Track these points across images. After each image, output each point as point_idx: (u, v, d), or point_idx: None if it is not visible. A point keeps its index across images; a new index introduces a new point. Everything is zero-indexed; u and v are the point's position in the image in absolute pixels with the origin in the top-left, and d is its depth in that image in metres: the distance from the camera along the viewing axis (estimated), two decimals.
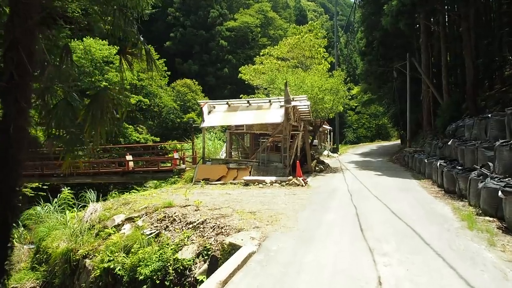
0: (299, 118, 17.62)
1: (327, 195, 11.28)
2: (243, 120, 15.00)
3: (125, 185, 21.31)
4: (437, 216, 7.98)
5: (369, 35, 33.98)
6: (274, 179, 13.51)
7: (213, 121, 15.45)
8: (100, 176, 17.40)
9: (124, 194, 12.78)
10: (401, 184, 13.70)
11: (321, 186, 13.47)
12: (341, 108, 22.44)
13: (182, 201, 10.15)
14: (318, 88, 18.18)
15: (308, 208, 9.05)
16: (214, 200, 10.47)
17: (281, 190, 12.44)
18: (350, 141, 57.52)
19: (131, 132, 33.48)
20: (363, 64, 36.15)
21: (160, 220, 8.83)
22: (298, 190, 12.29)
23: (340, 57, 64.16)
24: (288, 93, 14.20)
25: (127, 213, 10.35)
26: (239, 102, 16.12)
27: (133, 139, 33.31)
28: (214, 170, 14.81)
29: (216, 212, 8.61)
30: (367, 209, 8.81)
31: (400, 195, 11.11)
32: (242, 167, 14.60)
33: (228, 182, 14.20)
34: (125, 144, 30.18)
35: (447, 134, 16.61)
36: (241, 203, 9.84)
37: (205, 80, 50.89)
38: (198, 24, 52.58)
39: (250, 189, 12.88)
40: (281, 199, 10.45)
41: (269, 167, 14.36)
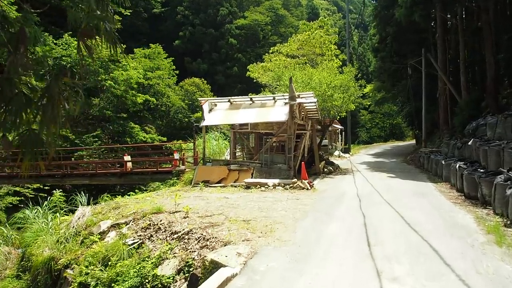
0: (306, 116, 16.61)
1: (334, 200, 10.27)
2: (245, 119, 14.07)
3: (131, 186, 20.57)
4: (458, 228, 6.91)
5: (382, 31, 32.70)
6: (277, 181, 12.55)
7: (214, 120, 14.57)
8: (97, 177, 16.69)
9: (117, 197, 11.99)
10: (416, 187, 12.58)
11: (328, 189, 12.44)
12: (353, 106, 21.31)
13: (173, 207, 9.29)
14: (327, 84, 17.13)
15: (310, 216, 8.07)
16: (209, 205, 9.57)
17: (284, 194, 11.47)
18: (363, 141, 56.04)
19: (138, 132, 32.86)
20: (376, 61, 34.83)
21: (145, 229, 7.97)
22: (302, 194, 11.30)
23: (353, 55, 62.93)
24: (293, 89, 13.21)
25: (114, 219, 9.53)
26: (241, 100, 15.19)
27: (139, 139, 32.70)
28: (214, 171, 13.92)
29: (206, 221, 7.70)
30: (377, 218, 7.78)
31: (415, 200, 10.03)
32: (244, 168, 13.67)
33: (228, 185, 13.30)
34: (131, 144, 29.59)
35: (466, 133, 15.38)
36: (237, 209, 8.92)
37: (214, 79, 50.12)
38: (208, 22, 51.82)
39: (251, 192, 11.94)
40: (282, 205, 9.48)
41: (273, 169, 13.40)
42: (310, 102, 13.76)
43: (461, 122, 18.89)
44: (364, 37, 66.09)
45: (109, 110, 32.28)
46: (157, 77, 38.09)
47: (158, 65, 40.10)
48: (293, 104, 13.16)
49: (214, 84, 48.23)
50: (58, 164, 16.91)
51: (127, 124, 32.20)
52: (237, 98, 15.32)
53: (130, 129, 32.34)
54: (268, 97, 14.74)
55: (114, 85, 29.44)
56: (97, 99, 31.51)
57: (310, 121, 16.78)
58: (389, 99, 39.88)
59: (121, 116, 33.32)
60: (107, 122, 32.53)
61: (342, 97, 18.45)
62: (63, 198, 12.97)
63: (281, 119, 13.40)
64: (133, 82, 32.06)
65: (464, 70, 20.88)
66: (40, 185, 19.80)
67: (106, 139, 33.48)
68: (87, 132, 29.13)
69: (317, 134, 23.43)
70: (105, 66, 30.43)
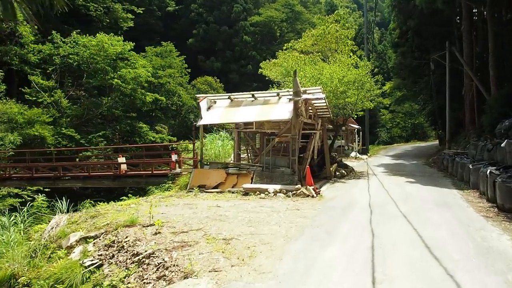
0: (316, 114, 15.10)
1: (340, 211, 8.77)
2: (245, 117, 12.68)
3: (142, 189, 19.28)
4: (494, 255, 5.34)
5: (402, 24, 30.78)
6: (279, 188, 11.12)
7: (212, 118, 13.24)
8: (91, 180, 15.65)
9: (99, 204, 10.80)
10: (439, 196, 10.92)
11: (336, 197, 10.94)
12: (369, 104, 19.65)
13: (158, 217, 8.05)
14: (339, 80, 15.58)
15: (306, 234, 6.63)
16: (194, 216, 8.27)
17: (284, 202, 10.03)
18: (384, 141, 53.80)
19: (146, 131, 31.93)
20: (396, 57, 32.80)
21: (108, 246, 6.71)
22: (305, 204, 9.84)
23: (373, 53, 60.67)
24: (297, 84, 11.75)
25: (86, 231, 8.33)
26: (243, 96, 13.81)
27: (148, 139, 31.78)
28: (211, 175, 12.60)
29: (179, 239, 6.37)
30: (388, 238, 6.27)
31: (438, 213, 8.43)
32: (243, 172, 12.29)
33: (226, 190, 11.96)
34: (138, 144, 28.69)
35: (498, 133, 13.54)
36: (223, 223, 7.56)
37: (228, 77, 48.93)
38: (221, 20, 50.64)
39: (248, 200, 10.57)
40: (278, 217, 8.06)
41: (275, 173, 11.97)
42: (317, 98, 12.25)
43: (490, 121, 16.98)
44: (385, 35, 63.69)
45: (118, 110, 31.53)
46: (168, 75, 37.18)
47: (170, 64, 39.23)
48: (298, 101, 11.70)
49: (228, 83, 47.06)
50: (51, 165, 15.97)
51: (135, 124, 31.30)
52: (238, 95, 13.96)
53: (139, 129, 31.45)
54: (272, 93, 13.30)
55: (122, 84, 28.54)
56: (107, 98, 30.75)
57: (320, 120, 15.25)
58: (410, 97, 37.70)
59: (130, 116, 32.52)
60: (116, 121, 31.78)
61: (356, 93, 16.87)
62: (45, 203, 11.91)
63: (285, 117, 11.96)
64: (143, 81, 31.14)
65: (494, 63, 18.89)
66: (40, 187, 19.00)
67: (117, 138, 32.79)
68: (96, 132, 28.37)
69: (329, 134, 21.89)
70: (113, 65, 29.60)
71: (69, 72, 29.03)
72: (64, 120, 26.96)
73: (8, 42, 27.23)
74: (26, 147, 22.88)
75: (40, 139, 24.10)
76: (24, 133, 23.85)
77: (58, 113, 26.90)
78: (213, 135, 20.10)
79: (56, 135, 25.47)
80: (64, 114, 27.28)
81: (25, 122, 24.37)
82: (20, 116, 24.27)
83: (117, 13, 38.40)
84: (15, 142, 22.35)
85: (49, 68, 28.08)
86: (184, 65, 41.09)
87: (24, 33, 27.10)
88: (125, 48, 30.12)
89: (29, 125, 24.28)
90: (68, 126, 26.72)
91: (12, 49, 26.80)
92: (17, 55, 26.95)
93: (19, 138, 22.98)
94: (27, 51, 27.24)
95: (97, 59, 28.49)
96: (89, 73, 28.92)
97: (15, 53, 26.83)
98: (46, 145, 24.29)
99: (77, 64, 28.19)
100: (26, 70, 27.28)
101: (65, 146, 25.08)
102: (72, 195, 19.70)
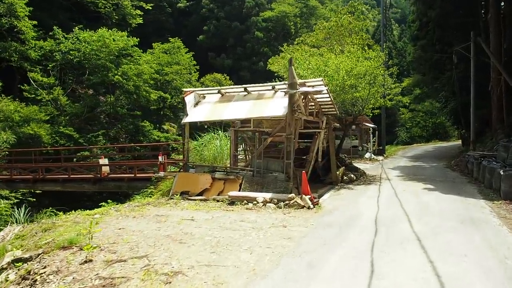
0: (320, 111, 13.32)
1: (337, 230, 7.01)
2: (233, 114, 11.00)
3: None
4: None
5: (422, 16, 28.55)
6: (270, 196, 9.42)
7: (198, 116, 11.61)
8: (70, 183, 14.32)
9: (60, 214, 9.32)
10: (463, 208, 9.00)
11: (337, 208, 9.16)
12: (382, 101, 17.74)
13: (112, 234, 6.57)
14: (346, 72, 13.75)
15: (280, 268, 4.93)
16: (152, 235, 6.70)
17: (272, 215, 8.32)
18: (403, 141, 51.21)
19: (150, 130, 30.65)
20: (415, 50, 30.46)
21: (22, 279, 5.17)
22: (297, 217, 8.12)
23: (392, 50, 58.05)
24: (293, 74, 10.02)
25: (25, 250, 6.84)
26: (235, 90, 12.15)
27: (152, 138, 30.50)
28: (196, 180, 11.00)
29: (108, 272, 4.77)
30: (392, 279, 4.51)
31: (462, 235, 6.59)
32: (231, 178, 10.62)
33: (210, 198, 10.34)
34: (147, 143, 27.55)
35: None
36: (181, 246, 5.94)
37: (239, 75, 47.30)
38: (233, 15, 49.06)
39: (231, 211, 8.91)
40: (254, 239, 6.38)
41: (266, 179, 10.25)
42: (317, 91, 10.45)
43: None
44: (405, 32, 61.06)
45: (124, 108, 30.40)
46: (175, 72, 35.79)
47: (178, 60, 37.89)
48: (294, 94, 9.96)
49: (239, 80, 45.40)
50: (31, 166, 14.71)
51: (137, 122, 30.04)
52: (230, 88, 12.33)
53: (142, 128, 30.19)
54: (267, 86, 11.57)
55: (123, 81, 27.26)
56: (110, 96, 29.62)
57: (324, 118, 13.48)
58: (430, 94, 35.13)
59: (135, 114, 31.30)
60: (119, 120, 30.62)
61: (367, 88, 14.98)
62: (7, 209, 10.54)
63: (278, 114, 10.23)
64: (147, 78, 29.86)
65: None
66: (32, 189, 17.84)
67: (123, 138, 31.71)
68: (100, 131, 27.29)
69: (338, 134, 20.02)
70: (116, 61, 28.37)
71: (70, 69, 28.03)
72: (62, 118, 25.90)
73: (9, 39, 26.40)
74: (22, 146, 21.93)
75: (36, 138, 23.08)
76: (20, 131, 22.89)
77: (57, 111, 25.87)
78: (210, 134, 18.50)
79: (54, 134, 24.43)
80: (63, 112, 26.24)
81: (22, 120, 23.42)
82: (17, 114, 23.31)
83: (125, 9, 37.41)
84: (8, 140, 21.36)
85: (49, 64, 27.09)
86: (193, 62, 39.66)
87: (24, 28, 26.20)
88: (128, 44, 28.90)
89: (25, 123, 23.32)
90: (67, 124, 25.65)
91: (11, 45, 25.91)
92: (17, 52, 26.04)
93: (12, 136, 22.00)
94: (27, 48, 26.33)
95: (99, 55, 27.33)
96: (91, 69, 27.79)
97: (15, 49, 25.93)
98: (43, 144, 23.28)
99: (77, 61, 27.09)
100: (26, 66, 26.35)
101: (63, 145, 24.01)
102: (65, 196, 18.55)
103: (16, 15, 26.11)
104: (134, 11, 38.05)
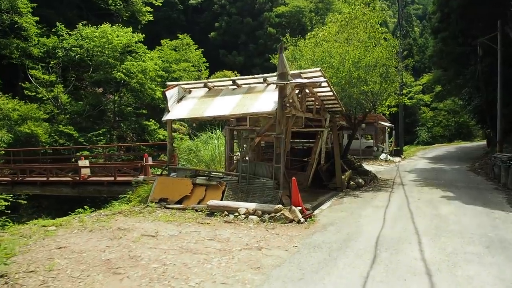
0: (323, 108, 11.74)
1: (325, 256, 5.48)
2: (217, 110, 9.53)
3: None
4: None
5: (444, 6, 26.42)
6: (254, 207, 7.95)
7: (180, 112, 10.20)
8: (49, 186, 13.20)
9: (9, 225, 8.09)
10: (490, 225, 7.30)
11: (333, 223, 7.59)
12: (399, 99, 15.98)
13: (43, 255, 5.27)
14: (353, 63, 12.13)
15: None
16: (91, 259, 5.40)
17: (250, 233, 6.85)
18: (424, 142, 48.73)
19: (155, 129, 29.52)
20: (435, 43, 28.29)
21: None
22: (280, 236, 6.62)
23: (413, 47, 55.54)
24: (284, 63, 8.50)
25: None
26: (224, 84, 10.69)
27: (157, 137, 29.41)
28: (176, 186, 9.61)
29: None
30: None
31: (488, 267, 4.95)
32: (213, 184, 9.18)
33: (190, 207, 8.94)
34: (152, 143, 26.51)
35: None
36: (112, 279, 4.57)
37: (252, 72, 45.53)
38: (245, 11, 47.62)
39: (206, 224, 7.49)
40: (212, 268, 4.94)
41: (253, 185, 8.76)
42: (314, 82, 8.87)
43: None
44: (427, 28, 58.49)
45: (130, 106, 29.43)
46: (182, 69, 34.62)
47: (187, 57, 36.73)
48: (284, 86, 8.44)
49: None
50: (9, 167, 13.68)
51: (141, 121, 28.99)
52: (218, 81, 10.87)
53: (146, 127, 29.10)
54: (259, 79, 10.05)
55: (125, 78, 26.19)
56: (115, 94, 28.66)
57: (328, 115, 11.90)
58: (452, 91, 32.71)
59: (140, 113, 30.25)
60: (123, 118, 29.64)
61: (379, 82, 13.30)
62: None
63: (266, 109, 8.72)
64: (153, 74, 28.75)
65: None
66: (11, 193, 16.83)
67: (130, 137, 30.80)
68: (103, 130, 26.36)
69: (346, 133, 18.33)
70: (120, 58, 27.34)
71: (73, 66, 27.18)
72: (63, 116, 25.05)
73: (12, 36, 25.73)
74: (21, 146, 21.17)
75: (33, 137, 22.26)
76: (17, 130, 22.13)
77: (57, 110, 25.05)
78: (208, 133, 17.21)
79: (53, 133, 23.58)
80: (63, 111, 25.39)
81: (21, 119, 22.68)
82: (15, 112, 22.58)
83: (135, 6, 36.51)
84: (2, 139, 20.60)
85: (51, 62, 26.30)
86: (202, 59, 38.46)
87: (26, 25, 25.48)
88: (132, 40, 27.82)
89: (23, 122, 22.57)
90: (68, 123, 24.79)
91: (13, 42, 25.24)
92: (19, 48, 25.34)
93: (9, 136, 21.24)
94: (30, 45, 25.62)
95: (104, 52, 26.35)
96: (94, 66, 26.85)
97: (16, 46, 25.24)
98: (41, 143, 22.47)
99: (79, 57, 26.18)
100: (28, 64, 25.62)
101: (62, 145, 23.14)
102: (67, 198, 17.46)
103: (19, 11, 25.46)
104: (144, 8, 37.12)
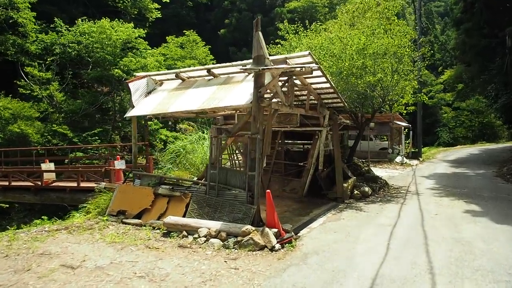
0: (321, 102, 9.90)
1: None
2: (185, 105, 7.80)
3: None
4: None
5: None
6: (218, 228, 6.20)
7: (146, 108, 8.55)
8: (11, 192, 11.77)
9: None
10: None
11: (318, 252, 5.75)
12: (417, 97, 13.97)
13: None
14: (358, 50, 10.23)
15: None
16: None
17: (200, 266, 5.10)
18: (445, 143, 45.99)
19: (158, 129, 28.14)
20: (458, 36, 25.89)
21: None
22: (238, 272, 4.85)
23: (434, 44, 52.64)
24: (260, 44, 6.74)
25: None
26: (200, 74, 8.98)
27: (159, 138, 28.02)
28: (136, 196, 7.96)
29: None
30: None
31: None
32: (176, 195, 7.48)
33: (148, 223, 7.27)
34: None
35: None
36: None
37: None
38: (255, 7, 45.91)
39: (155, 249, 5.78)
40: None
41: (223, 198, 7.01)
42: (304, 72, 7.03)
43: None
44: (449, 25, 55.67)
45: None
46: (187, 67, 33.16)
47: (193, 55, 35.29)
48: (261, 74, 6.66)
49: None
50: None
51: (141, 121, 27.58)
52: (192, 71, 9.13)
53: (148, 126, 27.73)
54: (237, 66, 8.28)
55: (123, 75, 24.83)
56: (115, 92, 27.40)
57: (327, 112, 10.06)
58: (476, 88, 30.07)
59: None
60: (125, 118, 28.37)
61: (390, 73, 11.32)
62: None
63: (239, 103, 6.94)
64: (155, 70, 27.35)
65: None
66: None
67: None
68: (105, 129, 25.17)
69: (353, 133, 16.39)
70: (120, 54, 26.05)
71: (70, 63, 26.04)
72: (57, 115, 23.88)
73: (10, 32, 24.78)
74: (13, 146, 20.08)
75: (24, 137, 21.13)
76: (7, 130, 21.04)
77: (52, 108, 23.89)
78: (198, 134, 15.58)
79: (46, 133, 22.42)
80: (58, 109, 24.22)
81: (12, 118, 21.60)
82: (6, 111, 21.51)
83: (143, 2, 35.35)
84: None
85: (48, 59, 25.20)
86: (210, 56, 36.96)
87: (22, 20, 24.47)
88: (132, 35, 26.49)
89: (15, 120, 21.49)
90: (63, 122, 23.61)
91: (9, 38, 24.26)
92: (15, 45, 24.35)
93: None
94: (27, 41, 24.59)
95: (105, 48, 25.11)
96: (93, 63, 25.63)
97: (12, 42, 24.25)
98: (32, 143, 21.31)
99: (76, 54, 24.99)
100: (24, 61, 24.59)
101: (55, 145, 21.93)
102: None
103: (16, 7, 24.48)
104: (151, 5, 35.91)
